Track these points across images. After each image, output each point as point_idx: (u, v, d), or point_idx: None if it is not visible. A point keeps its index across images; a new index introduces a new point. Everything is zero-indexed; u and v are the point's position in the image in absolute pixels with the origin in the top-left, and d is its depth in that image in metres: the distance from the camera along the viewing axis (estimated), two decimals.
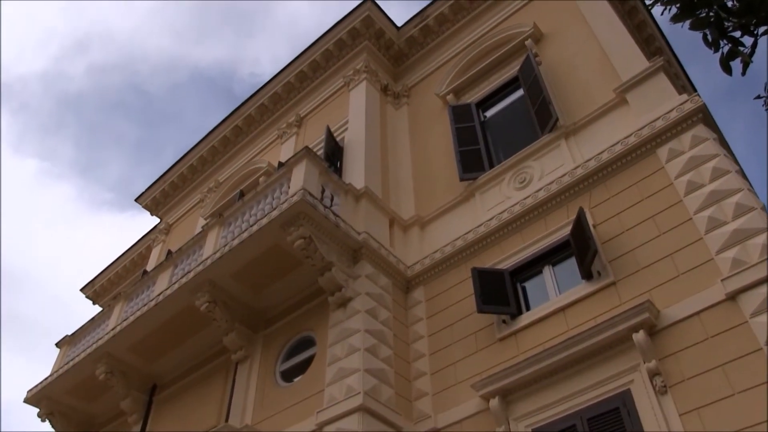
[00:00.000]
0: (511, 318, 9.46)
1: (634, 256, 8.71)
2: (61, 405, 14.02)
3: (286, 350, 10.96)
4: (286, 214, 10.19)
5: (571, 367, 8.25)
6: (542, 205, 10.28)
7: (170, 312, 12.00)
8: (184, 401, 12.24)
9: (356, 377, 8.99)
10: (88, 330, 14.56)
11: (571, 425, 7.89)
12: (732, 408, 6.81)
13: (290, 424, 9.54)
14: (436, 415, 9.35)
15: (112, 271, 22.73)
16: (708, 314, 7.56)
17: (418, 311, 10.80)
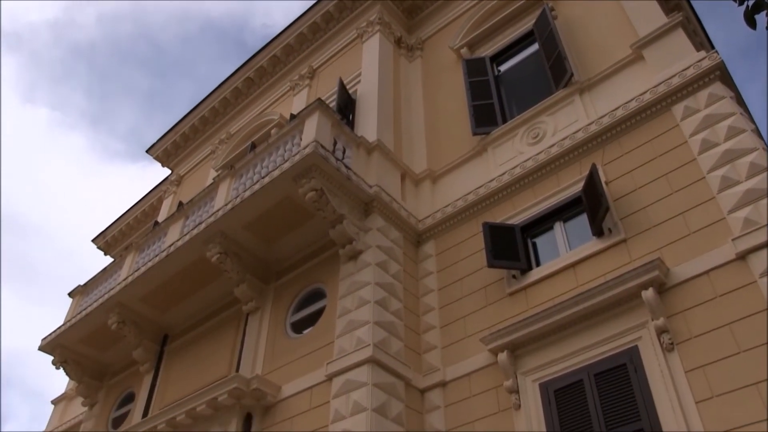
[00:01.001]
0: (521, 273, 9.50)
1: (645, 214, 8.68)
2: (75, 353, 14.25)
3: (296, 302, 11.07)
4: (298, 166, 10.18)
5: (579, 323, 8.31)
6: (555, 160, 10.23)
7: (182, 263, 12.09)
8: (195, 351, 12.41)
9: (366, 329, 9.09)
10: (100, 280, 14.72)
11: (578, 380, 7.97)
12: (737, 366, 6.87)
13: (300, 374, 9.68)
14: (445, 368, 9.48)
15: (124, 222, 22.88)
16: (717, 273, 7.57)
17: (429, 265, 10.86)
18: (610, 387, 7.66)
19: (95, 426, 13.97)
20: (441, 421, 9.03)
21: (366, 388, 8.51)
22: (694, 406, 6.96)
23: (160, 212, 19.49)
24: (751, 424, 6.49)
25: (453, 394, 9.17)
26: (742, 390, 6.70)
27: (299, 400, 9.40)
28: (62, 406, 20.44)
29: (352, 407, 8.46)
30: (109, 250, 23.33)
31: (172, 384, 12.32)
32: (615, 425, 7.36)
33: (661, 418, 7.08)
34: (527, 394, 8.38)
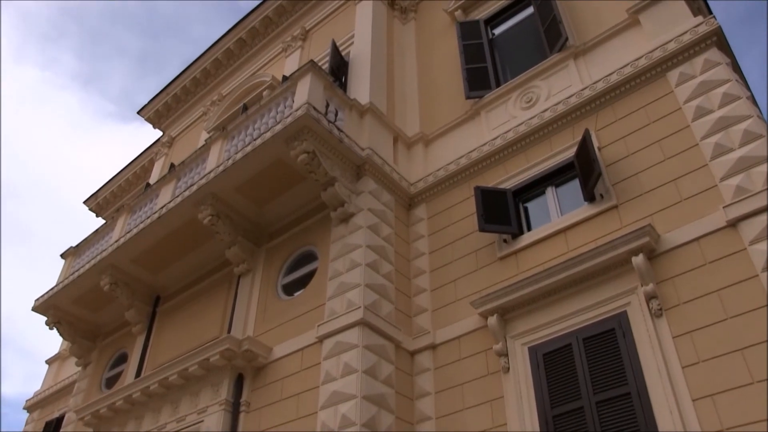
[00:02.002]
0: (513, 238, 9.53)
1: (637, 180, 8.68)
2: (68, 314, 14.31)
3: (288, 264, 11.09)
4: (290, 128, 10.11)
5: (569, 287, 8.37)
6: (548, 125, 10.19)
7: (173, 225, 12.07)
8: (187, 313, 12.47)
9: (357, 292, 9.13)
10: (92, 242, 14.70)
11: (566, 344, 8.06)
12: (724, 332, 6.95)
13: (291, 336, 9.75)
14: (435, 330, 9.56)
15: (115, 184, 22.77)
16: (708, 240, 7.60)
17: (420, 228, 10.87)
18: (599, 351, 7.74)
19: (89, 385, 14.08)
20: (430, 383, 9.13)
21: (356, 350, 8.58)
22: (680, 371, 7.05)
23: (152, 174, 19.39)
24: (736, 389, 6.59)
25: (443, 357, 9.26)
26: (728, 355, 6.78)
27: (290, 361, 9.48)
28: (56, 365, 20.58)
29: (342, 369, 8.54)
30: (101, 211, 23.26)
31: (165, 345, 12.40)
32: (602, 389, 7.45)
33: (648, 383, 7.18)
34: (516, 357, 8.47)
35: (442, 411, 8.81)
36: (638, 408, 7.10)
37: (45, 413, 19.11)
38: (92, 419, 11.95)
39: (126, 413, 11.43)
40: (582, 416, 7.46)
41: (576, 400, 7.61)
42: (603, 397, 7.41)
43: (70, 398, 15.21)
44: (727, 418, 6.52)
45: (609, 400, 7.36)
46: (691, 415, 6.75)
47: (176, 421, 10.31)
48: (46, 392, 19.46)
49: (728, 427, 6.47)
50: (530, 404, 8.02)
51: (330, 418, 8.25)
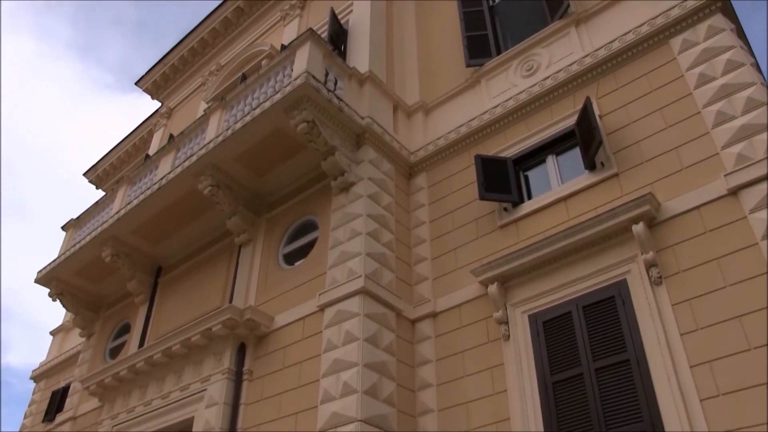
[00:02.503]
0: (513, 206, 9.54)
1: (638, 148, 8.65)
2: (70, 286, 14.40)
3: (288, 234, 11.12)
4: (289, 97, 10.06)
5: (569, 255, 8.39)
6: (549, 93, 10.13)
7: (173, 196, 12.08)
8: (188, 283, 12.53)
9: (358, 260, 9.17)
10: (92, 214, 14.72)
11: (566, 312, 8.10)
12: (723, 300, 6.99)
13: (292, 305, 9.81)
14: (436, 299, 9.61)
15: (115, 156, 22.72)
16: (708, 209, 7.60)
17: (420, 197, 10.88)
18: (598, 319, 7.80)
19: (93, 356, 14.21)
20: (431, 351, 9.21)
21: (358, 318, 8.64)
22: (679, 338, 7.10)
23: (151, 145, 19.33)
24: (733, 355, 6.64)
25: (443, 325, 9.33)
26: (727, 323, 6.84)
27: (292, 330, 9.55)
28: (60, 337, 20.75)
29: (344, 337, 8.61)
30: (100, 183, 23.25)
31: (167, 315, 12.49)
32: (602, 356, 7.52)
33: (647, 350, 7.24)
34: (516, 325, 8.52)
35: (442, 378, 8.90)
36: (637, 374, 7.17)
37: (51, 383, 19.33)
38: (97, 388, 12.10)
39: (130, 382, 11.57)
40: (581, 383, 7.53)
41: (575, 366, 7.68)
42: (602, 364, 7.47)
43: (75, 368, 15.35)
44: (723, 384, 6.59)
45: (608, 367, 7.42)
46: (688, 382, 6.82)
47: (180, 390, 10.43)
48: (52, 363, 19.66)
49: (725, 393, 6.54)
50: (530, 371, 8.10)
51: (332, 385, 8.33)
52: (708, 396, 6.64)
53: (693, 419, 6.63)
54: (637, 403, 7.03)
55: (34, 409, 19.27)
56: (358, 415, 7.86)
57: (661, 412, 6.84)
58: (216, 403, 9.56)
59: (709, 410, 6.58)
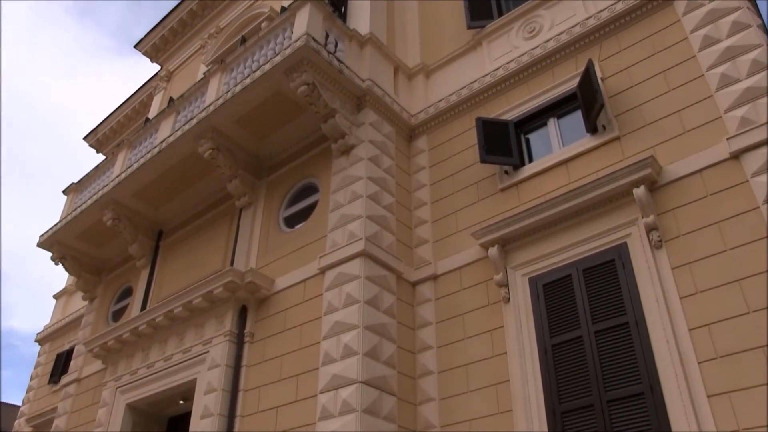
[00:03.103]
0: (514, 169, 9.51)
1: (640, 112, 8.59)
2: (72, 249, 14.44)
3: (289, 197, 11.11)
4: (289, 59, 9.96)
5: (570, 219, 8.38)
6: (551, 56, 10.02)
7: (174, 159, 12.04)
8: (189, 246, 12.56)
9: (358, 223, 9.17)
10: (93, 177, 14.71)
11: (566, 275, 8.13)
12: (723, 263, 7.00)
13: (293, 268, 9.84)
14: (436, 261, 9.64)
15: (115, 119, 22.62)
16: (710, 172, 7.57)
17: (421, 160, 10.84)
18: (598, 282, 7.82)
19: (96, 319, 14.32)
20: (431, 314, 9.27)
21: (358, 280, 8.68)
22: (678, 301, 7.13)
23: (151, 109, 19.24)
24: (732, 318, 6.68)
25: (444, 288, 9.37)
26: (726, 286, 6.86)
27: (293, 292, 9.60)
28: (63, 300, 20.89)
29: (344, 299, 8.65)
30: (101, 147, 23.18)
31: (169, 278, 12.55)
32: (601, 318, 7.56)
33: (646, 313, 7.28)
34: (516, 287, 8.56)
35: (442, 340, 8.97)
36: (636, 337, 7.21)
37: (55, 346, 19.52)
38: (101, 351, 12.22)
39: (133, 345, 11.67)
40: (581, 345, 7.59)
41: (575, 329, 7.73)
42: (601, 327, 7.52)
43: (78, 331, 15.49)
44: (722, 347, 6.64)
45: (607, 330, 7.47)
46: (687, 344, 6.87)
47: (182, 352, 10.52)
48: (55, 326, 19.84)
49: (723, 355, 6.59)
50: (530, 334, 8.15)
51: (332, 347, 8.40)
52: (706, 358, 6.69)
53: (691, 381, 6.70)
54: (635, 365, 7.09)
55: (39, 371, 19.51)
56: (358, 377, 7.94)
57: (659, 374, 6.90)
58: (218, 365, 9.66)
59: (707, 372, 6.63)
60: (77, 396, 13.25)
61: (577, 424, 7.27)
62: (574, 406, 7.36)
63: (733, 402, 6.37)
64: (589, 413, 7.20)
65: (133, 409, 11.38)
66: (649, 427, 6.74)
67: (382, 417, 8.00)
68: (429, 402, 8.64)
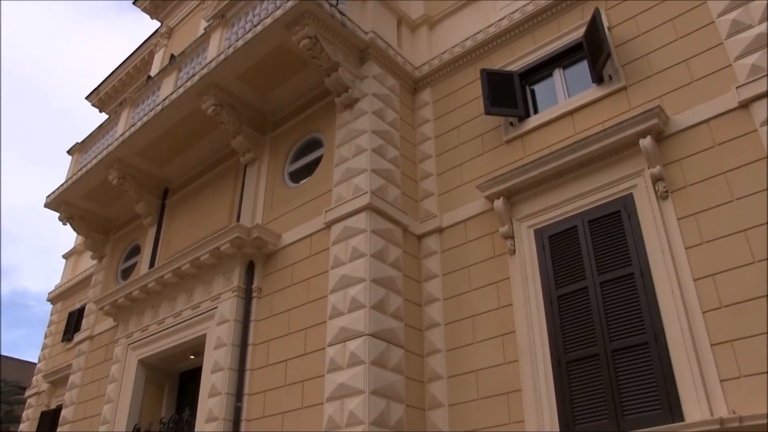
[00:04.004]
0: (519, 120, 9.44)
1: (648, 61, 8.47)
2: (79, 209, 14.51)
3: (293, 152, 11.09)
4: (290, 12, 9.82)
5: (575, 170, 8.35)
6: (556, 5, 9.84)
7: (177, 116, 11.99)
8: (195, 203, 12.60)
9: (363, 177, 9.16)
10: (97, 137, 14.70)
11: (572, 227, 8.13)
12: (729, 214, 6.98)
13: (299, 223, 9.88)
14: (442, 214, 9.65)
15: (116, 78, 22.44)
16: (717, 122, 7.49)
17: (426, 112, 10.77)
18: (604, 233, 7.82)
19: (105, 277, 14.46)
20: (437, 266, 9.31)
21: (364, 234, 8.70)
22: (683, 251, 7.14)
23: (152, 66, 19.07)
24: (736, 268, 6.70)
25: (449, 240, 9.39)
26: (732, 236, 6.86)
27: (299, 247, 9.65)
28: (73, 260, 21.05)
29: (351, 253, 8.69)
30: (103, 107, 23.06)
31: (176, 236, 12.62)
32: (606, 269, 7.59)
33: (651, 264, 7.30)
34: (522, 239, 8.57)
35: (449, 292, 9.04)
36: (641, 287, 7.25)
37: (67, 304, 19.75)
38: (111, 309, 12.37)
39: (143, 302, 11.80)
40: (586, 296, 7.63)
41: (580, 280, 7.76)
42: (607, 278, 7.55)
43: (89, 290, 15.65)
44: (726, 297, 6.68)
45: (613, 281, 7.50)
46: (691, 294, 6.91)
47: (191, 309, 10.64)
48: (66, 285, 20.03)
49: (726, 305, 6.63)
50: (535, 285, 8.20)
51: (340, 300, 8.48)
52: (710, 308, 6.74)
53: (695, 330, 6.76)
54: (640, 315, 7.14)
55: (53, 329, 19.78)
56: (365, 330, 8.03)
57: (663, 323, 6.96)
58: (227, 320, 9.77)
59: (710, 321, 6.69)
60: (90, 353, 13.47)
61: (581, 373, 7.36)
62: (579, 356, 7.44)
63: (735, 350, 6.44)
64: (594, 363, 7.28)
65: (145, 365, 11.57)
66: (652, 376, 6.82)
67: (390, 368, 8.10)
68: (436, 353, 8.75)
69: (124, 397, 11.38)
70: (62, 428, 12.97)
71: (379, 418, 7.61)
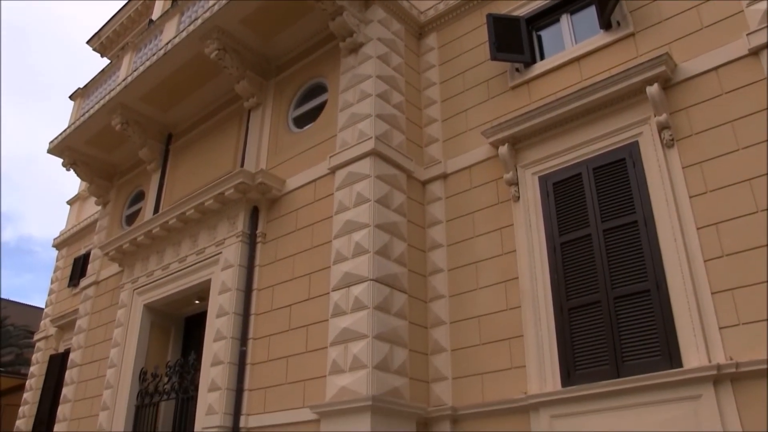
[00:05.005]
0: (525, 66, 9.33)
1: (657, 7, 8.31)
2: (83, 155, 14.46)
3: (297, 97, 11.00)
4: None
5: (581, 117, 8.28)
6: None
7: (180, 61, 11.85)
8: (199, 149, 12.56)
9: (368, 122, 9.10)
10: (99, 82, 14.56)
11: (576, 174, 8.12)
12: (734, 162, 6.94)
13: (303, 168, 9.86)
14: (446, 160, 9.62)
15: (118, 22, 22.12)
16: (726, 69, 7.38)
17: (431, 58, 10.63)
18: (608, 181, 7.81)
19: (110, 223, 14.52)
20: (441, 212, 9.33)
21: (368, 179, 8.69)
22: (688, 200, 7.14)
23: (154, 10, 18.76)
24: (740, 217, 6.70)
25: (453, 186, 9.39)
26: (736, 185, 6.84)
27: (303, 192, 9.66)
28: (77, 206, 21.08)
29: (355, 198, 8.70)
30: (105, 51, 22.78)
31: (180, 181, 12.62)
32: (610, 217, 7.60)
33: (654, 211, 7.30)
34: (526, 186, 8.57)
35: (453, 239, 9.07)
36: (644, 235, 7.27)
37: (72, 250, 19.85)
38: (116, 254, 12.45)
39: (148, 248, 11.87)
40: (589, 243, 7.66)
41: (584, 227, 7.78)
42: (610, 225, 7.57)
43: (93, 236, 15.73)
44: (728, 245, 6.70)
45: (616, 228, 7.52)
46: (694, 242, 6.94)
47: (196, 254, 10.71)
48: (71, 231, 20.10)
49: (729, 254, 6.66)
50: (539, 232, 8.23)
51: (344, 245, 8.52)
52: (712, 257, 6.76)
53: (696, 279, 6.80)
54: (642, 263, 7.18)
55: (59, 275, 19.94)
56: (369, 275, 8.09)
57: (665, 271, 7.00)
58: (231, 265, 9.84)
59: (712, 270, 6.73)
60: (96, 298, 13.61)
61: (583, 320, 7.44)
62: (581, 303, 7.52)
63: (735, 298, 6.49)
64: (596, 309, 7.36)
65: (151, 310, 11.70)
66: (653, 323, 6.90)
67: (393, 313, 8.19)
68: (439, 299, 8.83)
69: (131, 341, 11.54)
70: (71, 371, 13.21)
71: (382, 362, 7.73)
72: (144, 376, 11.07)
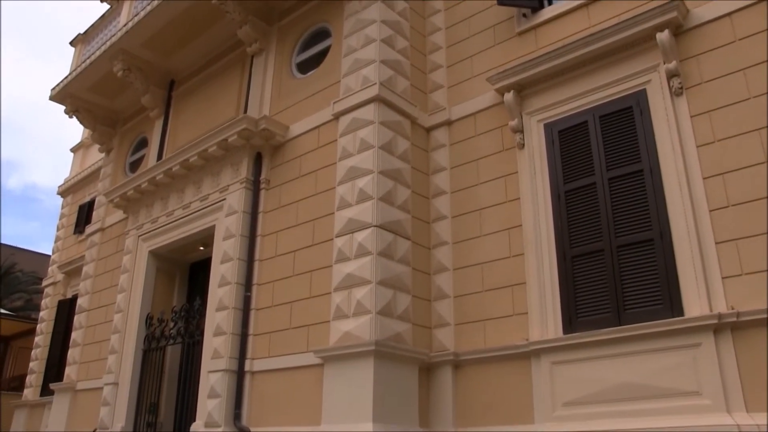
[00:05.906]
0: (532, 12, 9.13)
1: None
2: (85, 102, 14.40)
3: (301, 42, 10.81)
4: None
5: (589, 64, 8.14)
6: None
7: (181, 5, 11.65)
8: (202, 95, 12.46)
9: (372, 68, 8.98)
10: (100, 28, 14.41)
11: (582, 122, 8.02)
12: (744, 112, 6.83)
13: (307, 114, 9.77)
14: (451, 107, 9.52)
15: None
16: (741, 15, 7.16)
17: (436, 3, 10.38)
18: (614, 129, 7.72)
19: (114, 170, 14.53)
20: (446, 159, 9.27)
21: (372, 126, 8.62)
22: (695, 149, 7.05)
23: None
24: (747, 168, 6.62)
25: (458, 133, 9.30)
26: (745, 135, 6.73)
27: (307, 139, 9.59)
28: (81, 153, 21.08)
29: (359, 145, 8.64)
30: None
31: (183, 128, 12.57)
32: (616, 166, 7.54)
33: (661, 161, 7.23)
34: (531, 133, 8.49)
35: (457, 186, 9.04)
36: (649, 185, 7.22)
37: (77, 198, 19.93)
38: (121, 201, 12.49)
39: (152, 194, 11.89)
40: (594, 192, 7.62)
41: (589, 176, 7.73)
42: (615, 174, 7.51)
43: (98, 183, 15.76)
44: (734, 195, 6.64)
45: (621, 177, 7.46)
46: (700, 192, 6.88)
47: (200, 200, 10.71)
48: (75, 178, 20.15)
49: (734, 204, 6.62)
50: (543, 179, 8.18)
51: (348, 192, 8.50)
52: (718, 207, 6.72)
53: (700, 228, 6.77)
54: (647, 212, 7.15)
55: (64, 222, 20.06)
56: (373, 221, 8.09)
57: (670, 221, 6.97)
58: (235, 211, 9.85)
59: (717, 220, 6.69)
60: (102, 244, 13.71)
61: (586, 268, 7.44)
62: (585, 251, 7.51)
63: (739, 248, 6.46)
64: (599, 258, 7.36)
65: (156, 256, 11.78)
66: (655, 272, 6.90)
67: (397, 259, 8.22)
68: (442, 245, 8.85)
69: (137, 287, 11.66)
70: (79, 316, 13.39)
71: (385, 307, 7.79)
72: (150, 320, 11.22)
